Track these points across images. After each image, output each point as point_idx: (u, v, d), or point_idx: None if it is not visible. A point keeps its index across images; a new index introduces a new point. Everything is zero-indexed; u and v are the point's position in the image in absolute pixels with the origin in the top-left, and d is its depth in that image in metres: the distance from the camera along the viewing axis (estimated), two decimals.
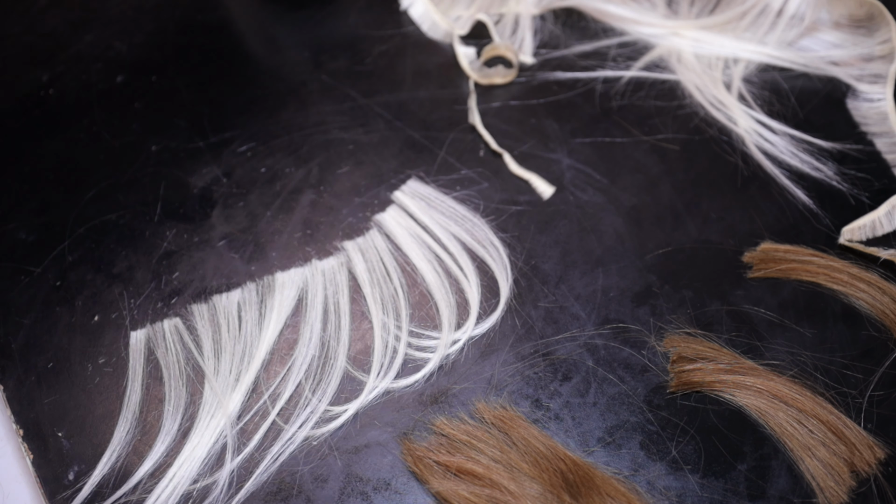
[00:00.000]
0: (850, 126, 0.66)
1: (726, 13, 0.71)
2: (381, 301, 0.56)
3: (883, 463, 0.49)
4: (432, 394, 0.53)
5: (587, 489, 0.48)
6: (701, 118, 0.66)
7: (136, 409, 0.52)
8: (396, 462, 0.50)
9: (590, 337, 0.55)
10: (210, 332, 0.55)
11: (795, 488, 0.49)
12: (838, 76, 0.69)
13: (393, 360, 0.54)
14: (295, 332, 0.55)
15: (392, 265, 0.58)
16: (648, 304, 0.56)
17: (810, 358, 0.54)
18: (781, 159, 0.63)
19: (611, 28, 0.72)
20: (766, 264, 0.58)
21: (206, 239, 0.60)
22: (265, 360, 0.54)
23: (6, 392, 0.53)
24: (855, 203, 0.61)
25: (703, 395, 0.52)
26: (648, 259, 0.58)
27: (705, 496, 0.48)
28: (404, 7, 0.74)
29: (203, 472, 0.49)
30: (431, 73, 0.70)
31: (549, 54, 0.71)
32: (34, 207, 0.62)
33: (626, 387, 0.53)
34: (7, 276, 0.58)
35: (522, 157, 0.64)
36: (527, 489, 0.48)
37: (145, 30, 0.73)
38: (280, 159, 0.64)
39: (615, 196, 0.62)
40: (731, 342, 0.54)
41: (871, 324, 0.55)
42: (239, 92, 0.69)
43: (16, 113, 0.68)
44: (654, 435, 0.51)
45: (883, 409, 0.51)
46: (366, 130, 0.66)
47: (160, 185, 0.63)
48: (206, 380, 0.53)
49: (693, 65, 0.69)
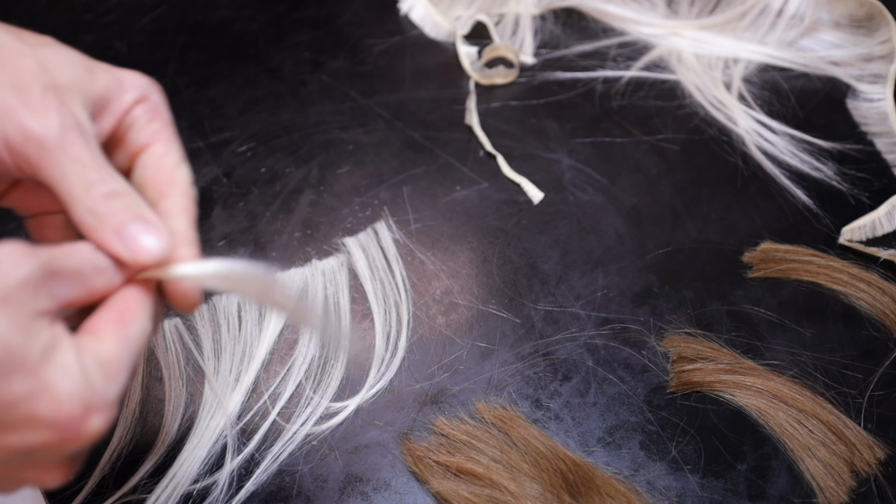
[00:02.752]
0: (850, 126, 0.66)
1: (726, 13, 0.71)
2: (383, 299, 0.56)
3: (883, 463, 0.49)
4: (432, 394, 0.53)
5: (587, 489, 0.48)
6: (701, 118, 0.67)
7: (136, 409, 0.52)
8: (396, 462, 0.50)
9: (590, 337, 0.55)
10: (210, 332, 0.55)
11: (795, 488, 0.49)
12: (838, 76, 0.69)
13: (392, 361, 0.54)
14: (295, 332, 0.55)
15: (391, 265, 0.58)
16: (648, 304, 0.56)
17: (810, 358, 0.54)
18: (781, 159, 0.64)
19: (611, 28, 0.73)
20: (766, 264, 0.58)
21: (206, 239, 0.60)
22: (265, 360, 0.54)
23: None
24: (855, 203, 0.61)
25: (703, 395, 0.52)
26: (648, 259, 0.58)
27: (705, 496, 0.48)
28: (405, 11, 0.74)
29: (203, 472, 0.49)
30: (431, 73, 0.70)
31: (549, 54, 0.71)
32: None
33: (626, 387, 0.53)
34: None
35: (522, 157, 0.64)
36: (527, 489, 0.48)
37: (145, 30, 0.73)
38: (280, 159, 0.64)
39: (615, 196, 0.62)
40: (731, 342, 0.54)
41: (871, 324, 0.55)
42: (239, 92, 0.69)
43: None
44: (654, 435, 0.51)
45: (883, 409, 0.51)
46: (366, 130, 0.66)
47: None
48: (206, 380, 0.53)
49: (693, 65, 0.69)
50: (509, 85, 0.69)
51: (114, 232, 0.34)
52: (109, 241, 0.34)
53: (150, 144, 0.37)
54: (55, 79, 0.34)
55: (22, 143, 0.33)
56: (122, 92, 0.36)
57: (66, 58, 0.35)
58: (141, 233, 0.34)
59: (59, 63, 0.35)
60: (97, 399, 0.31)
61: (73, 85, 0.34)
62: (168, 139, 0.37)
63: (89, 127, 0.34)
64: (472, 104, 0.67)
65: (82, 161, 0.33)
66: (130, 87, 0.37)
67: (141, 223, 0.34)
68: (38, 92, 0.33)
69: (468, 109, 0.67)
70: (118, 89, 0.36)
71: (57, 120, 0.33)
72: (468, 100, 0.67)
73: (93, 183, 0.33)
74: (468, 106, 0.67)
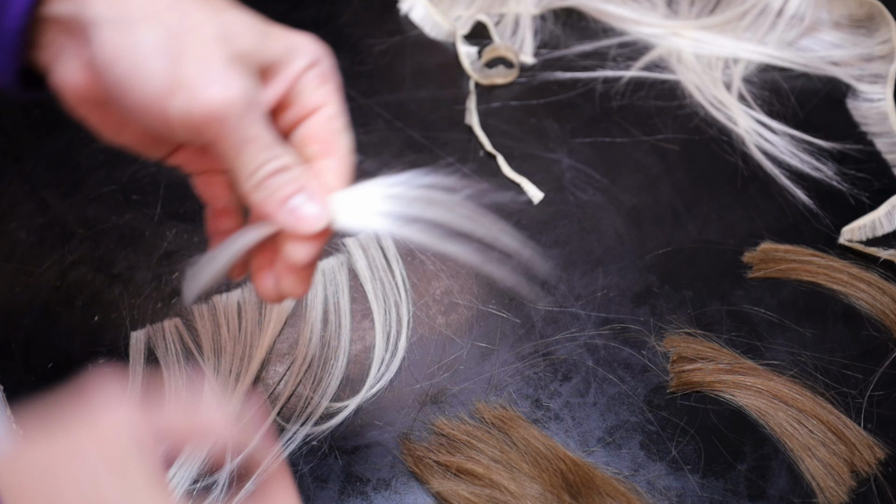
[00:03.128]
0: (850, 126, 0.66)
1: (726, 13, 0.71)
2: (383, 299, 0.56)
3: (883, 463, 0.49)
4: (432, 394, 0.53)
5: (587, 489, 0.48)
6: (701, 118, 0.66)
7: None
8: (396, 462, 0.50)
9: (590, 337, 0.55)
10: (210, 332, 0.55)
11: (795, 488, 0.49)
12: (838, 76, 0.69)
13: (392, 362, 0.54)
14: (295, 332, 0.55)
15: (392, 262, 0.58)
16: (648, 304, 0.56)
17: (810, 358, 0.54)
18: (781, 159, 0.63)
19: (611, 28, 0.72)
20: (766, 264, 0.58)
21: (206, 239, 0.60)
22: (265, 360, 0.54)
23: (6, 392, 0.53)
24: (855, 203, 0.61)
25: (703, 395, 0.52)
26: (648, 259, 0.58)
27: (705, 496, 0.48)
28: (405, 11, 0.74)
29: (203, 472, 0.49)
30: (431, 73, 0.70)
31: (549, 54, 0.71)
32: (34, 207, 0.62)
33: (626, 387, 0.53)
34: (7, 276, 0.58)
35: (522, 157, 0.64)
36: (527, 489, 0.48)
37: None
38: None
39: (615, 196, 0.62)
40: (731, 342, 0.54)
41: (871, 324, 0.55)
42: None
43: (16, 113, 0.68)
44: (654, 435, 0.51)
45: (883, 409, 0.51)
46: (366, 130, 0.66)
47: (160, 185, 0.63)
48: (206, 380, 0.53)
49: (693, 65, 0.69)
50: (509, 85, 0.69)
51: (279, 204, 0.36)
52: (275, 212, 0.36)
53: (319, 107, 0.38)
54: (236, 48, 0.35)
55: (202, 118, 0.34)
56: (294, 57, 0.37)
57: (247, 23, 0.36)
58: (304, 202, 0.36)
59: (239, 30, 0.35)
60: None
61: (249, 52, 0.35)
62: (337, 102, 0.39)
63: (262, 99, 0.36)
64: (472, 104, 0.67)
65: (256, 140, 0.35)
66: (303, 51, 0.38)
67: (305, 193, 0.36)
68: (219, 66, 0.34)
69: (468, 109, 0.67)
70: (291, 55, 0.37)
71: (238, 98, 0.34)
72: (468, 100, 0.67)
73: (264, 161, 0.35)
74: (468, 106, 0.67)
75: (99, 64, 0.34)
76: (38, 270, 0.59)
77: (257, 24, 0.36)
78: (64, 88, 0.36)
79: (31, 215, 0.61)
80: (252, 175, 0.35)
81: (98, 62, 0.34)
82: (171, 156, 0.41)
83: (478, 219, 0.39)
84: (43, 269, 0.59)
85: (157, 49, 0.33)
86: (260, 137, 0.35)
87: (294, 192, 0.36)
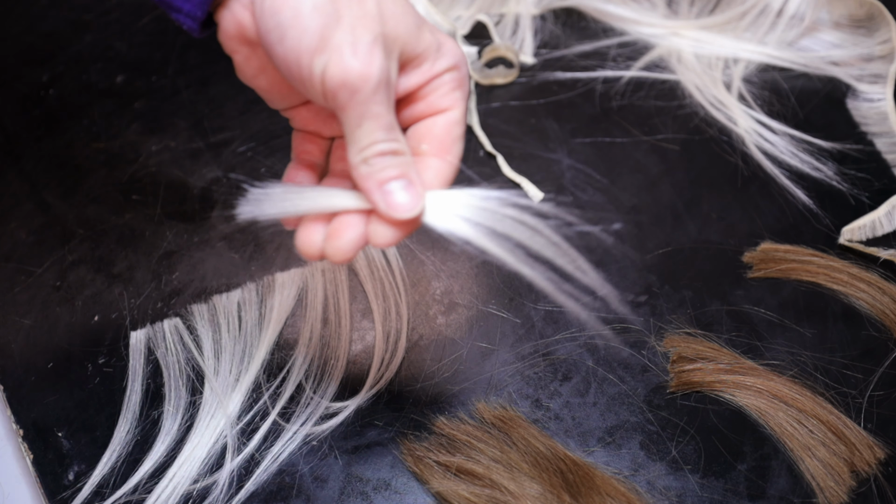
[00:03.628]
0: (850, 126, 0.66)
1: (726, 13, 0.71)
2: (383, 299, 0.56)
3: (883, 463, 0.49)
4: (432, 394, 0.53)
5: (587, 489, 0.48)
6: (701, 118, 0.66)
7: (136, 409, 0.52)
8: (396, 462, 0.50)
9: (590, 337, 0.55)
10: (210, 332, 0.55)
11: (795, 488, 0.49)
12: (838, 76, 0.69)
13: (391, 362, 0.54)
14: (295, 332, 0.55)
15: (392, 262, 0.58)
16: (648, 304, 0.56)
17: (810, 358, 0.54)
18: (781, 159, 0.63)
19: (611, 28, 0.72)
20: (766, 264, 0.58)
21: (206, 239, 0.60)
22: (265, 360, 0.54)
23: (6, 392, 0.53)
24: (855, 203, 0.61)
25: (703, 395, 0.52)
26: (648, 259, 0.59)
27: (705, 496, 0.48)
28: None
29: (203, 472, 0.49)
30: None
31: (549, 54, 0.71)
32: (34, 207, 0.62)
33: (626, 387, 0.53)
34: (7, 276, 0.58)
35: (522, 157, 0.64)
36: (527, 489, 0.48)
37: (145, 30, 0.73)
38: (280, 159, 0.64)
39: (615, 196, 0.62)
40: (731, 342, 0.54)
41: (871, 324, 0.55)
42: (239, 92, 0.69)
43: (16, 113, 0.68)
44: (654, 435, 0.51)
45: (883, 409, 0.51)
46: None
47: (160, 185, 0.63)
48: (206, 380, 0.53)
49: (693, 65, 0.69)
50: (509, 85, 0.69)
51: (377, 184, 0.37)
52: (371, 191, 0.38)
53: (446, 110, 0.40)
54: (388, 29, 0.37)
55: (338, 83, 0.36)
56: (439, 56, 0.39)
57: (405, 10, 0.38)
58: (401, 189, 0.37)
59: (396, 13, 0.37)
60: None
61: (399, 38, 0.37)
62: (462, 110, 0.40)
63: (395, 83, 0.37)
64: (472, 104, 0.67)
65: (379, 117, 0.36)
66: (447, 53, 0.39)
67: (404, 181, 0.37)
68: (368, 40, 0.36)
69: (468, 109, 0.67)
70: (436, 53, 0.39)
71: (376, 75, 0.36)
72: (468, 100, 0.67)
73: (379, 140, 0.37)
74: (468, 106, 0.67)
75: (262, 9, 0.37)
76: (38, 270, 0.59)
77: (414, 15, 0.38)
78: (224, 24, 0.39)
79: (31, 215, 0.61)
80: (364, 149, 0.37)
81: (262, 7, 0.37)
82: (291, 110, 0.43)
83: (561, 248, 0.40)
84: (43, 269, 0.59)
85: (317, 7, 0.36)
86: (382, 117, 0.37)
87: (395, 177, 0.37)
